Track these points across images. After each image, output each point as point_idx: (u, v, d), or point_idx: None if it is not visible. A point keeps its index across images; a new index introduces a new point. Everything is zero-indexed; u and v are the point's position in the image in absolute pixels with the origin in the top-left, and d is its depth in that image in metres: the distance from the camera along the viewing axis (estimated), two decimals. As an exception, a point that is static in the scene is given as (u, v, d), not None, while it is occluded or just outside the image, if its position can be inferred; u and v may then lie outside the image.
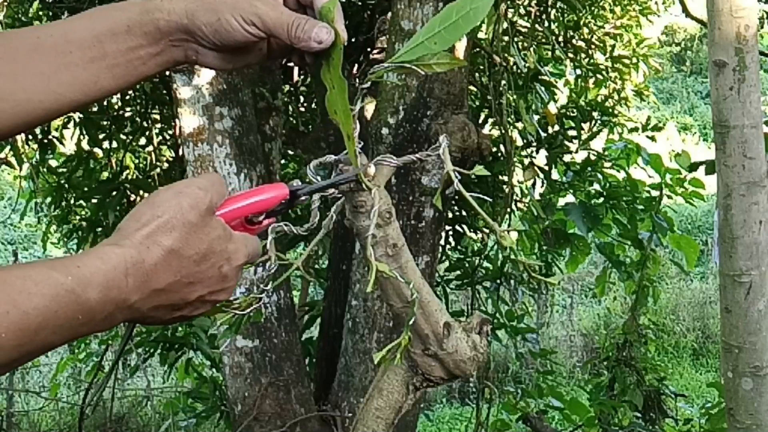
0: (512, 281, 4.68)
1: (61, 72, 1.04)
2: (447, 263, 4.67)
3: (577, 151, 4.50)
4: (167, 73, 3.65)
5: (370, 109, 3.15)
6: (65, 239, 4.79)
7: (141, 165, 4.87)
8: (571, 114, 4.64)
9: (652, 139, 4.97)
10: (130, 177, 4.58)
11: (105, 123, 4.55)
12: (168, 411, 5.27)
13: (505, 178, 3.99)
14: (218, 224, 0.94)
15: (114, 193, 4.31)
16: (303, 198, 1.05)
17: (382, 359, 1.09)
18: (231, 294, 0.98)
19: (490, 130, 4.41)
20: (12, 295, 0.80)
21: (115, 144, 4.60)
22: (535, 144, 4.48)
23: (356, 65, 4.31)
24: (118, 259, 0.86)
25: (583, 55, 5.32)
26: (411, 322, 1.11)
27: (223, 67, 1.09)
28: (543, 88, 4.41)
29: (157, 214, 0.90)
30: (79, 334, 0.86)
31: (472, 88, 4.26)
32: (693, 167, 4.11)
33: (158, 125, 4.70)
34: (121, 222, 0.92)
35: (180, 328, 4.07)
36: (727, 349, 2.42)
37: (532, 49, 4.81)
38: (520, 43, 4.56)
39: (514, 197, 4.46)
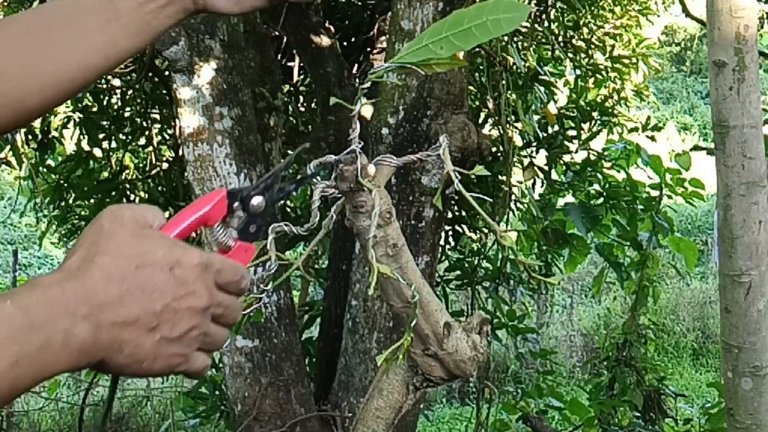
0: (512, 281, 4.68)
1: (80, 40, 1.06)
2: (447, 263, 4.67)
3: (576, 151, 4.51)
4: (167, 72, 3.65)
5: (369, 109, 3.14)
6: (65, 239, 4.79)
7: (141, 165, 4.87)
8: (571, 114, 4.64)
9: (652, 139, 4.97)
10: (129, 177, 4.58)
11: (105, 123, 4.55)
12: (168, 411, 5.26)
13: (505, 178, 3.99)
14: (155, 233, 0.89)
15: (113, 192, 4.31)
16: (256, 199, 1.00)
17: (384, 361, 1.09)
18: (203, 300, 0.88)
19: (489, 130, 4.41)
20: None
21: (114, 144, 4.60)
22: (534, 144, 4.48)
23: (356, 65, 4.31)
24: (50, 279, 0.83)
25: (582, 55, 5.32)
26: (413, 324, 1.11)
27: (231, 10, 1.14)
28: (543, 88, 4.41)
29: (79, 243, 0.88)
30: (48, 366, 0.79)
31: (471, 88, 4.26)
32: (694, 149, 4.16)
33: (158, 125, 4.70)
34: None
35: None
36: (726, 349, 2.42)
37: (531, 49, 4.81)
38: (519, 43, 4.55)
39: (514, 197, 4.46)
